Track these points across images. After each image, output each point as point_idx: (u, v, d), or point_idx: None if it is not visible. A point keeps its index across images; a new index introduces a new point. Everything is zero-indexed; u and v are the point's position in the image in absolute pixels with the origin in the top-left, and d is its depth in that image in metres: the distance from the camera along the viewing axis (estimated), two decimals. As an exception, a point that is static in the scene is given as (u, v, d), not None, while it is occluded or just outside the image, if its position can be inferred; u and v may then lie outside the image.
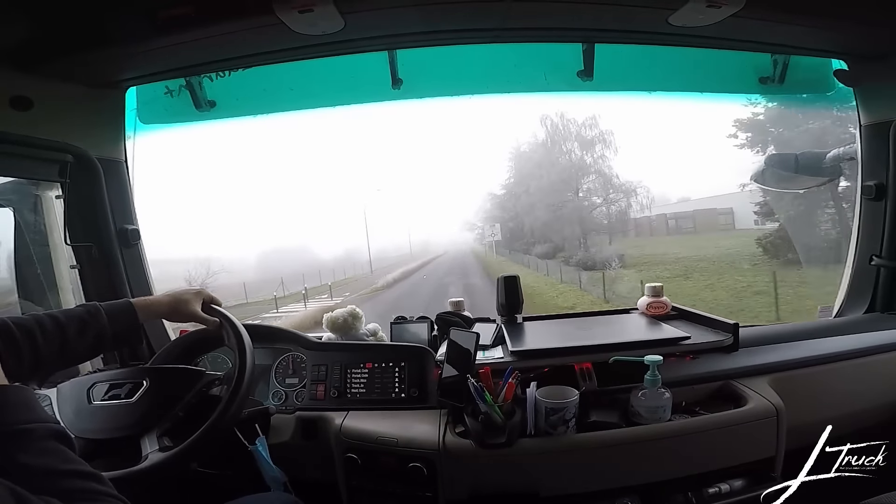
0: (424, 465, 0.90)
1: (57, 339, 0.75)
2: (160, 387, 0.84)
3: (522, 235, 17.30)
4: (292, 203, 37.32)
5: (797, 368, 1.09)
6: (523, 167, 17.88)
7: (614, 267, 12.78)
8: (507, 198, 18.63)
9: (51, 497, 0.42)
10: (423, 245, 25.86)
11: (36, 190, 1.25)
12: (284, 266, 17.87)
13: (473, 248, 21.95)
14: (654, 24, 1.10)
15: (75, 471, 0.48)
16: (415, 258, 22.16)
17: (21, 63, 1.00)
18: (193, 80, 1.27)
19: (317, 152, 43.44)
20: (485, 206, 20.44)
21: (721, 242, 12.86)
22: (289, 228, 32.25)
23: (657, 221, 16.74)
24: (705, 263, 11.62)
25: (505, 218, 18.30)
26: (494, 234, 17.92)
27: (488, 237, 18.35)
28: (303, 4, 0.91)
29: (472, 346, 0.96)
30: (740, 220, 14.60)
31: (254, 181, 41.55)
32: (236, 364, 0.84)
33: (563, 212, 16.08)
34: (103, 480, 0.49)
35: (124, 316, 0.84)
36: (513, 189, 18.38)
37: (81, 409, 0.83)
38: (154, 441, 0.78)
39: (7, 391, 0.50)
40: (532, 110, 18.40)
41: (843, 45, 1.25)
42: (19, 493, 0.39)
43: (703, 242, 13.58)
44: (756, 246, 10.78)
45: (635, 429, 0.92)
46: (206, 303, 0.95)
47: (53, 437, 0.49)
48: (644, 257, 13.64)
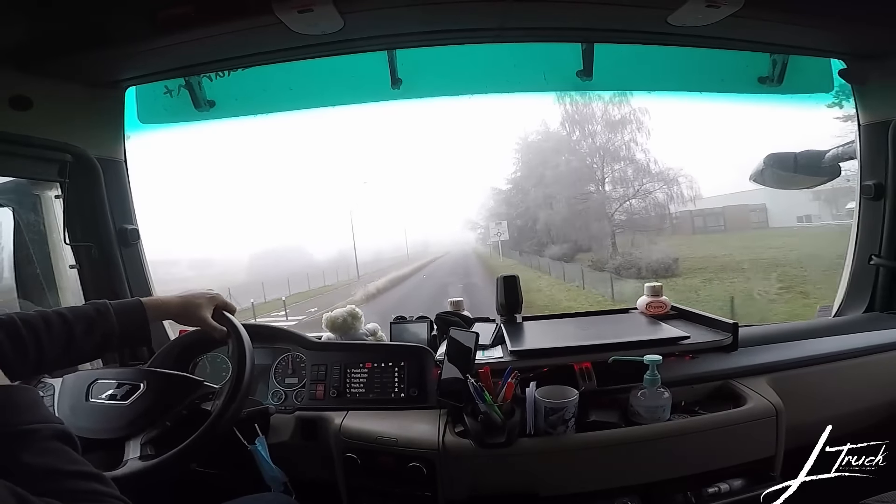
0: (424, 464, 0.90)
1: (63, 338, 0.74)
2: (156, 392, 0.83)
3: (534, 234, 15.00)
4: (288, 202, 37.30)
5: (796, 368, 1.09)
6: (532, 159, 15.76)
7: (674, 274, 10.08)
8: (514, 193, 16.49)
9: (52, 499, 0.42)
10: (423, 245, 24.76)
11: (35, 190, 1.25)
12: (273, 269, 17.25)
13: (476, 248, 20.33)
14: (653, 23, 1.10)
15: (79, 472, 0.47)
16: (411, 260, 20.65)
17: (21, 63, 1.00)
18: (193, 79, 1.27)
19: (315, 152, 43.51)
20: (488, 204, 18.42)
21: (773, 242, 10.91)
22: (285, 229, 32.19)
23: (682, 219, 14.44)
24: (790, 268, 9.31)
25: (512, 215, 16.08)
26: (500, 234, 15.55)
27: (493, 236, 16.00)
28: (302, 4, 0.92)
29: (471, 345, 0.96)
30: (774, 217, 13.44)
31: (251, 181, 41.68)
32: (232, 379, 0.83)
33: (586, 205, 13.74)
34: (106, 481, 0.48)
35: (134, 315, 0.81)
36: (521, 183, 16.25)
37: (78, 406, 0.83)
38: (137, 447, 0.77)
39: (11, 391, 0.49)
40: (538, 104, 17.00)
41: (842, 44, 1.25)
42: (20, 493, 0.39)
43: (747, 242, 11.60)
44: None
45: (635, 428, 0.92)
46: (219, 309, 0.92)
47: (57, 437, 0.48)
48: (697, 260, 11.05)
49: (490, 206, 18.31)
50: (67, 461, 0.48)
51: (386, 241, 24.85)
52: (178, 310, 0.88)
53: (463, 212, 31.55)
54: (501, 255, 16.40)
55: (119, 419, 0.80)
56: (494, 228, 16.02)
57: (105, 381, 0.86)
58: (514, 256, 16.06)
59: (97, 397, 0.84)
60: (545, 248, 14.38)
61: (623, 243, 12.95)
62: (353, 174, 42.12)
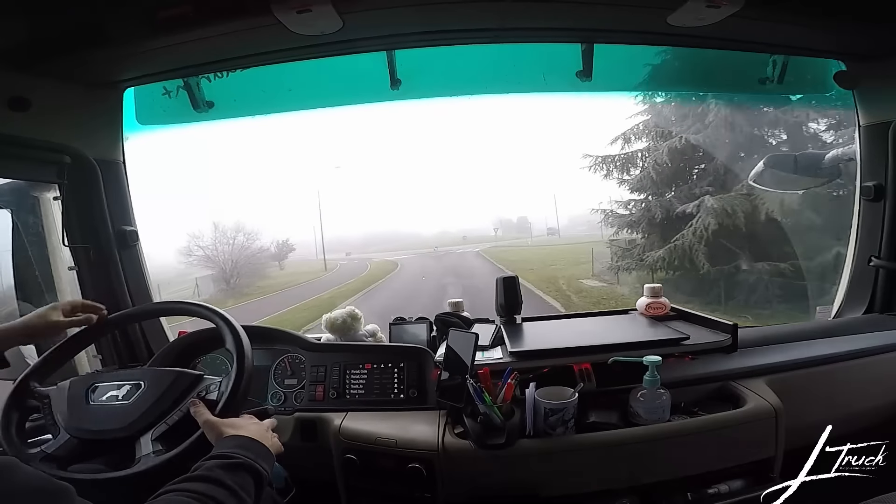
0: (423, 465, 0.90)
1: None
2: (158, 389, 0.84)
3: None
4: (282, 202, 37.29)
5: (796, 369, 1.09)
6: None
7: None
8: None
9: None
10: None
11: (34, 191, 1.25)
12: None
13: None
14: (653, 24, 1.10)
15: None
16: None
17: (18, 64, 1.00)
18: (191, 80, 1.27)
19: (312, 152, 43.53)
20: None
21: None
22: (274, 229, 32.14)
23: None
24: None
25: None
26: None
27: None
28: (301, 5, 0.91)
29: (471, 346, 0.96)
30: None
31: (251, 181, 41.63)
32: (234, 365, 0.84)
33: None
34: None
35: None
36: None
37: (79, 410, 0.83)
38: (148, 444, 0.77)
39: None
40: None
41: (842, 45, 1.25)
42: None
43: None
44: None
45: (634, 429, 0.92)
46: (72, 308, 0.89)
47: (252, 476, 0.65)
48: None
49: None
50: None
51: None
52: (22, 329, 0.85)
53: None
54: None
55: (124, 418, 0.80)
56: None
57: (104, 384, 0.86)
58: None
59: (98, 400, 0.84)
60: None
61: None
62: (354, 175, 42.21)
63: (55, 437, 0.80)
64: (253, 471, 0.65)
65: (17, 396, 0.85)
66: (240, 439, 0.70)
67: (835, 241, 5.19)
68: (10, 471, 0.44)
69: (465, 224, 36.47)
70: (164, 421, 0.80)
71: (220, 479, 0.60)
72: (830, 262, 5.16)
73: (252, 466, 0.65)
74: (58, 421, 0.82)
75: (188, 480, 0.59)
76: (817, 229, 6.01)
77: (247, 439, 0.71)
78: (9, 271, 1.25)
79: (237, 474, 0.63)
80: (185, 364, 1.12)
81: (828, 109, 2.61)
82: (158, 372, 0.90)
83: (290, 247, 18.70)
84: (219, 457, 0.65)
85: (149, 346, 1.31)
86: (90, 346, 1.21)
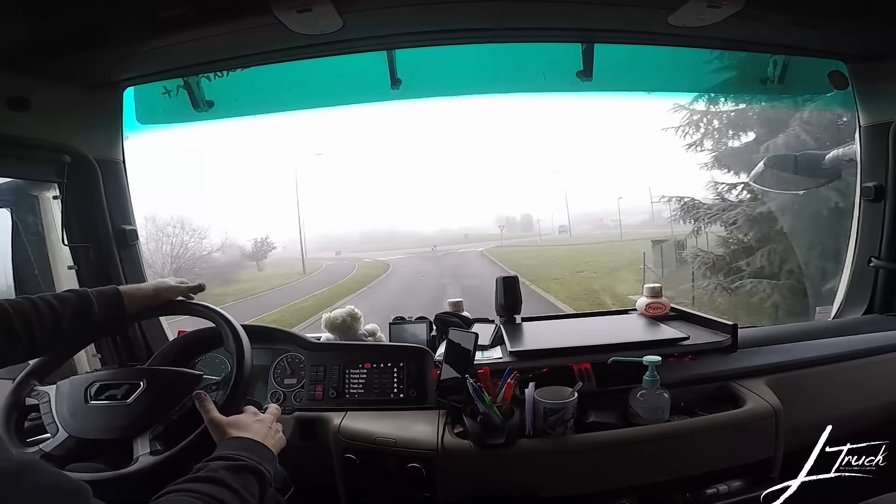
0: (423, 465, 0.90)
1: (51, 324, 0.75)
2: (156, 389, 0.83)
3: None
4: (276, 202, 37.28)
5: (795, 370, 1.09)
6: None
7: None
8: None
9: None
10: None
11: (33, 191, 1.24)
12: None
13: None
14: (653, 24, 1.10)
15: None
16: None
17: (18, 63, 1.00)
18: (191, 80, 1.27)
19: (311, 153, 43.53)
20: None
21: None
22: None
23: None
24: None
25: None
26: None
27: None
28: (301, 4, 0.91)
29: (470, 346, 0.96)
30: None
31: (249, 181, 41.62)
32: (234, 364, 0.84)
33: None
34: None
35: (113, 301, 0.84)
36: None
37: (78, 409, 0.83)
38: (146, 444, 0.77)
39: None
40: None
41: (843, 45, 1.25)
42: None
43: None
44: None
45: (634, 429, 0.92)
46: (192, 291, 0.95)
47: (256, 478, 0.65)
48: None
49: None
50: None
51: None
52: (153, 290, 0.90)
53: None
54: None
55: (123, 418, 0.80)
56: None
57: (103, 383, 0.86)
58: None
59: (97, 399, 0.84)
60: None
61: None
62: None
63: (53, 436, 0.80)
64: (257, 473, 0.65)
65: (17, 395, 0.85)
66: (244, 441, 0.71)
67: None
68: (31, 469, 0.45)
69: (466, 222, 36.51)
70: (162, 421, 0.80)
71: (224, 481, 0.60)
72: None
73: (256, 469, 0.66)
74: (56, 420, 0.82)
75: (192, 481, 0.60)
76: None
77: (250, 441, 0.71)
78: (8, 270, 1.25)
79: (241, 476, 0.63)
80: (184, 363, 1.12)
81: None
82: (157, 371, 0.90)
83: (270, 245, 17.57)
84: (223, 458, 0.65)
85: (148, 345, 1.31)
86: (90, 346, 1.21)
